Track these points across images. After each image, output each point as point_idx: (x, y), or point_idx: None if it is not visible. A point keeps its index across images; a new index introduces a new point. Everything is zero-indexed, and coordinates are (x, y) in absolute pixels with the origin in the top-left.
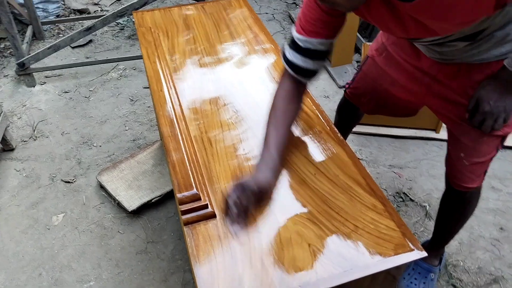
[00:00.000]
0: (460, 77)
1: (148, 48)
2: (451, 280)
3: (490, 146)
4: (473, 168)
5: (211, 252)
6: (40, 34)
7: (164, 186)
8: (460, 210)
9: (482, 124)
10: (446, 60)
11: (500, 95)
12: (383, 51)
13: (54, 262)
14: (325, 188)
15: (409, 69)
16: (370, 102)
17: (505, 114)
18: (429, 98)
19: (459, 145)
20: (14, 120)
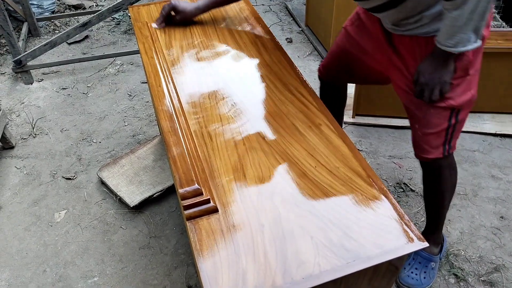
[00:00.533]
0: (413, 49)
1: (145, 42)
2: (452, 270)
3: (440, 118)
4: (427, 139)
5: (214, 246)
6: (36, 30)
7: (165, 181)
8: (432, 183)
9: (422, 95)
10: (398, 31)
11: (435, 69)
12: (356, 20)
13: (58, 258)
14: (326, 181)
15: (377, 38)
16: (341, 73)
17: (440, 86)
18: (391, 68)
19: (413, 117)
20: (13, 118)
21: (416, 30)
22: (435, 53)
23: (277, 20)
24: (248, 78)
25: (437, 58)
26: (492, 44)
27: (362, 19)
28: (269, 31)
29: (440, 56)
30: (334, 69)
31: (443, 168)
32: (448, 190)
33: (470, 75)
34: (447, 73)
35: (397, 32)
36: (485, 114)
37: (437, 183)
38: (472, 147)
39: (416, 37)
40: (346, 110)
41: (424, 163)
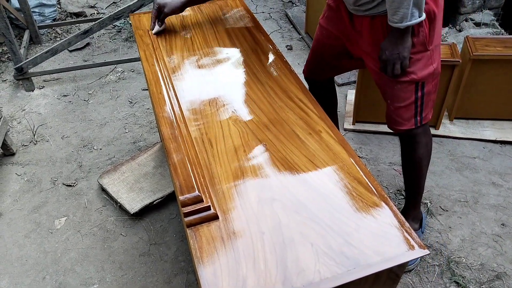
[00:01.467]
0: (375, 30)
1: (146, 50)
2: (453, 277)
3: (406, 92)
4: (399, 112)
5: (214, 254)
6: (37, 38)
7: (165, 188)
8: (409, 152)
9: (385, 70)
10: (359, 11)
11: (393, 45)
12: (326, 12)
13: (58, 265)
14: (326, 187)
15: (345, 23)
16: (324, 68)
17: (401, 61)
18: (360, 52)
19: (385, 93)
20: (14, 124)
21: (374, 9)
22: (392, 30)
23: (277, 27)
24: (249, 85)
25: (394, 35)
26: (491, 51)
27: (332, 8)
28: (269, 38)
29: (395, 33)
30: (315, 64)
31: (418, 136)
32: (425, 157)
33: (430, 50)
34: (405, 48)
35: (358, 13)
36: (485, 121)
37: (413, 150)
38: (473, 154)
39: (376, 16)
40: (346, 117)
41: (399, 135)
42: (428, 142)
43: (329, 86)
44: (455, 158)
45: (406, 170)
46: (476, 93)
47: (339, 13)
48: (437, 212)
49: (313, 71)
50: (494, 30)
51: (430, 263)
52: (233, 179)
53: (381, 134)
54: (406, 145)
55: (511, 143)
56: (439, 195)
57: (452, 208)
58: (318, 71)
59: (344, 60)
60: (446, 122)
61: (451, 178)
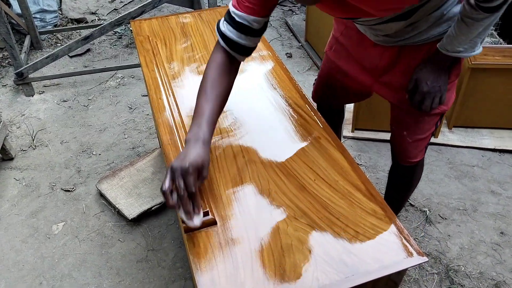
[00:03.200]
0: (402, 61)
1: (146, 56)
2: (452, 286)
3: (430, 124)
4: (416, 144)
5: (212, 260)
6: (38, 43)
7: None
8: (407, 182)
9: (422, 104)
10: (390, 42)
11: (436, 76)
12: (334, 44)
13: (55, 271)
14: (325, 194)
15: (358, 59)
16: (330, 97)
17: (441, 94)
18: (376, 86)
19: (402, 125)
20: (13, 129)
21: (411, 39)
22: (437, 59)
23: (277, 35)
24: (248, 92)
25: (439, 65)
26: (490, 60)
27: (340, 42)
28: (269, 46)
29: (443, 63)
30: (323, 93)
31: (418, 167)
32: (415, 185)
33: (457, 78)
34: (445, 79)
35: (387, 44)
36: (483, 129)
37: (412, 180)
38: (471, 162)
39: (407, 46)
40: (345, 124)
41: (403, 166)
42: (423, 168)
43: (338, 109)
44: (454, 166)
45: (394, 191)
46: (474, 102)
47: (350, 47)
48: (436, 220)
49: (321, 98)
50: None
51: (429, 271)
52: (232, 185)
53: (380, 141)
54: (405, 173)
55: (510, 152)
56: (438, 203)
57: (451, 216)
58: (327, 100)
59: (353, 94)
60: (445, 130)
61: (450, 186)
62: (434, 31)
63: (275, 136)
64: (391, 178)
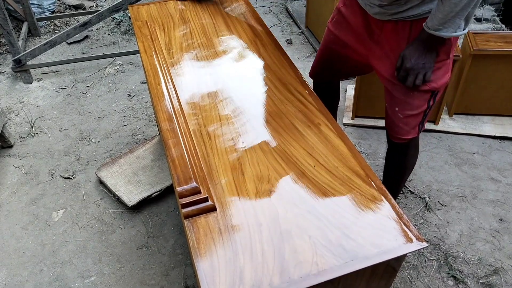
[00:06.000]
0: (396, 36)
1: (145, 41)
2: (451, 272)
3: (420, 100)
4: (407, 120)
5: (212, 245)
6: (36, 30)
7: (163, 181)
8: (401, 162)
9: (406, 80)
10: (385, 16)
11: (420, 54)
12: (335, 15)
13: (55, 257)
14: (324, 180)
15: (356, 29)
16: (329, 72)
17: (425, 71)
18: (371, 57)
19: (393, 100)
20: (12, 117)
21: (405, 13)
22: (422, 38)
23: (277, 21)
24: (248, 78)
25: (424, 43)
26: (492, 47)
27: (342, 13)
28: (270, 32)
29: (427, 41)
30: (321, 68)
31: (410, 147)
32: (410, 167)
33: (449, 59)
34: (431, 58)
35: (383, 18)
36: (484, 116)
37: (405, 159)
38: (472, 149)
39: (401, 21)
40: (345, 111)
41: (396, 144)
42: (417, 150)
43: (334, 87)
44: (454, 153)
45: (390, 174)
46: (476, 89)
47: (351, 18)
48: (435, 207)
49: (319, 73)
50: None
51: (428, 258)
52: (231, 171)
53: (380, 129)
54: (398, 153)
55: (510, 139)
56: (438, 190)
57: (450, 203)
58: (324, 75)
59: (350, 66)
60: (445, 117)
61: (450, 173)
62: (425, 7)
63: (275, 122)
64: (387, 160)
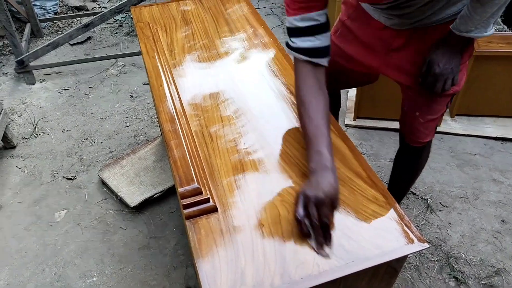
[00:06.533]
0: (413, 43)
1: (147, 43)
2: (453, 273)
3: (442, 104)
4: (428, 124)
5: (213, 246)
6: (39, 31)
7: (166, 182)
8: (414, 164)
9: (434, 86)
10: (404, 25)
11: (448, 58)
12: (339, 28)
13: (57, 258)
14: None
15: (365, 42)
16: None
17: (453, 75)
18: (384, 68)
19: (414, 106)
20: (15, 117)
21: (427, 19)
22: (450, 41)
23: (279, 23)
24: (250, 80)
25: (452, 47)
26: (494, 48)
27: (347, 26)
28: (271, 33)
29: (455, 44)
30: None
31: (425, 149)
32: (421, 169)
33: (468, 60)
34: (457, 61)
35: (402, 27)
36: (486, 117)
37: (419, 160)
38: (474, 150)
39: (422, 28)
40: (347, 113)
41: (412, 147)
42: (429, 152)
43: (335, 94)
44: (456, 154)
45: (400, 177)
46: (478, 90)
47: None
48: (437, 208)
49: None
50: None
51: (429, 259)
52: (233, 172)
53: (382, 130)
54: (414, 156)
55: (511, 140)
56: (439, 191)
57: (452, 204)
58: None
59: (354, 78)
60: (447, 118)
61: (452, 175)
62: (449, 10)
63: (277, 124)
64: (398, 162)
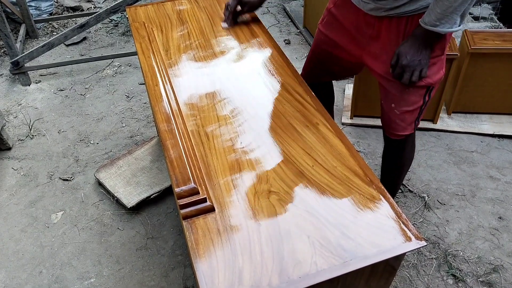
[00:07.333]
0: (388, 32)
1: (142, 42)
2: (450, 270)
3: (416, 96)
4: (404, 116)
5: (210, 246)
6: (34, 32)
7: (162, 182)
8: (398, 159)
9: (402, 77)
10: (380, 11)
11: (416, 51)
12: (325, 17)
13: (54, 259)
14: (323, 180)
15: (349, 29)
16: (319, 72)
17: (421, 68)
18: (365, 56)
19: (389, 97)
20: (10, 119)
21: (401, 8)
22: (417, 34)
23: (275, 21)
24: (246, 79)
25: (420, 39)
26: (489, 45)
27: (333, 14)
28: (267, 32)
29: (423, 37)
30: (311, 68)
31: (407, 143)
32: (409, 161)
33: (444, 55)
34: (426, 55)
35: (378, 14)
36: (482, 115)
37: (401, 155)
38: (470, 148)
39: (396, 18)
40: (344, 111)
41: (392, 140)
42: (413, 150)
43: (327, 87)
44: (453, 152)
45: (387, 171)
46: (474, 87)
47: (343, 18)
48: (434, 205)
49: (309, 74)
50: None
51: (427, 256)
52: (230, 172)
53: (379, 128)
54: (395, 149)
55: (509, 137)
56: (437, 189)
57: (449, 202)
58: (314, 75)
59: (340, 66)
60: (444, 116)
61: (449, 172)
62: (423, 2)
63: (273, 122)
64: (384, 157)
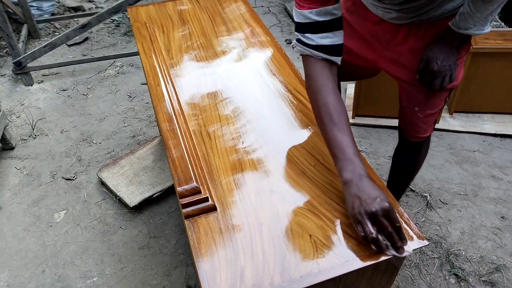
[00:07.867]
0: (411, 38)
1: (144, 43)
2: (453, 270)
3: (440, 99)
4: (427, 119)
5: (212, 245)
6: (36, 32)
7: (165, 181)
8: (414, 160)
9: (432, 83)
10: (403, 19)
11: (446, 55)
12: None
13: (57, 258)
14: (325, 179)
15: (363, 34)
16: None
17: (451, 72)
18: (382, 62)
19: (413, 101)
20: (13, 119)
21: (425, 14)
22: (447, 38)
23: (276, 21)
24: (247, 79)
25: (449, 44)
26: (491, 44)
27: (346, 19)
28: (269, 32)
29: (452, 41)
30: None
31: (425, 143)
32: (421, 165)
33: (466, 55)
34: (454, 58)
35: (400, 22)
36: (485, 114)
37: (418, 155)
38: (472, 147)
39: (416, 24)
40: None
41: (412, 142)
42: (428, 147)
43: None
44: (455, 151)
45: (400, 173)
46: (476, 86)
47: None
48: (436, 205)
49: None
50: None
51: (429, 256)
52: (232, 171)
53: (380, 127)
54: (413, 151)
55: (511, 137)
56: (439, 188)
57: (451, 201)
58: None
59: (352, 71)
60: (446, 115)
61: (451, 172)
62: (448, 6)
63: (275, 122)
64: (397, 158)
